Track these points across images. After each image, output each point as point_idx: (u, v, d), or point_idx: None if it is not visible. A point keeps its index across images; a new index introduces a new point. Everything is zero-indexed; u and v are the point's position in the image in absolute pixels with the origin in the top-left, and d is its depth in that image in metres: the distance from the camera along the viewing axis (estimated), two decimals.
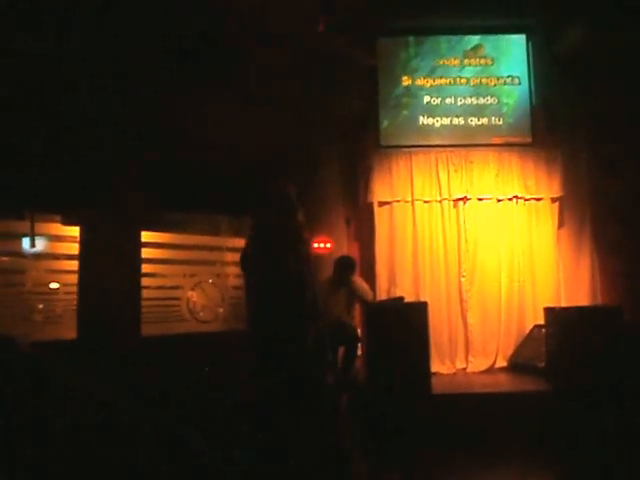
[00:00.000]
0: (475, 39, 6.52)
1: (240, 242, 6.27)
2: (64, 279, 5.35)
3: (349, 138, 6.32)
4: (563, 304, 6.00)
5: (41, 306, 5.44)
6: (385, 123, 6.39)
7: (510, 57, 6.52)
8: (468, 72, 6.48)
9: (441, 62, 6.48)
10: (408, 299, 5.56)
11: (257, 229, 3.06)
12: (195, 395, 3.34)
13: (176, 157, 4.84)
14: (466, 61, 6.49)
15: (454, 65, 6.48)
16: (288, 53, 5.44)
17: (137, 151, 4.52)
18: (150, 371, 4.13)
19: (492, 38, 6.53)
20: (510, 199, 6.34)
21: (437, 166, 6.32)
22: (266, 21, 5.29)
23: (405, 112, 6.42)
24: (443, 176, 6.31)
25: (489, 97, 6.44)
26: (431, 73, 6.46)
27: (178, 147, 4.80)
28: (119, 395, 1.40)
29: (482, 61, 6.49)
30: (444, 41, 6.52)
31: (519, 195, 6.33)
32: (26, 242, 5.00)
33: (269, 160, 5.55)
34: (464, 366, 6.09)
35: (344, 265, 5.15)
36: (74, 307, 4.63)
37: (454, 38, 6.51)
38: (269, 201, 3.04)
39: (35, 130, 3.84)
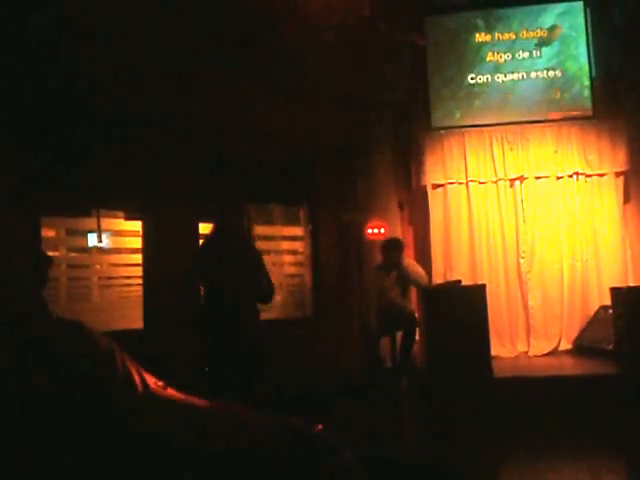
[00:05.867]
0: (551, 14, 6.16)
1: (294, 231, 6.40)
2: (127, 272, 5.58)
3: (399, 121, 6.23)
4: (631, 283, 5.73)
5: (107, 298, 5.70)
6: (453, 105, 6.19)
7: (574, 27, 6.15)
8: (531, 46, 6.17)
9: (508, 36, 6.22)
10: (465, 283, 5.46)
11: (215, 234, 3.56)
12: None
13: (227, 149, 4.91)
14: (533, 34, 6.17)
15: (527, 39, 6.20)
16: (335, 39, 5.39)
17: (193, 146, 4.62)
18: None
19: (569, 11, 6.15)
20: (570, 176, 6.09)
21: (491, 145, 6.15)
22: (311, 7, 5.26)
23: (487, 90, 6.16)
24: (498, 155, 6.13)
25: (545, 71, 6.17)
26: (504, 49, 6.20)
27: (229, 139, 4.87)
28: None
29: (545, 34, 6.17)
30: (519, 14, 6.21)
31: (580, 171, 6.07)
32: (92, 238, 5.24)
33: (320, 148, 5.55)
34: (525, 349, 5.94)
35: (389, 247, 5.07)
36: (138, 298, 4.81)
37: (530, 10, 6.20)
38: (222, 215, 3.55)
39: (100, 130, 3.99)
